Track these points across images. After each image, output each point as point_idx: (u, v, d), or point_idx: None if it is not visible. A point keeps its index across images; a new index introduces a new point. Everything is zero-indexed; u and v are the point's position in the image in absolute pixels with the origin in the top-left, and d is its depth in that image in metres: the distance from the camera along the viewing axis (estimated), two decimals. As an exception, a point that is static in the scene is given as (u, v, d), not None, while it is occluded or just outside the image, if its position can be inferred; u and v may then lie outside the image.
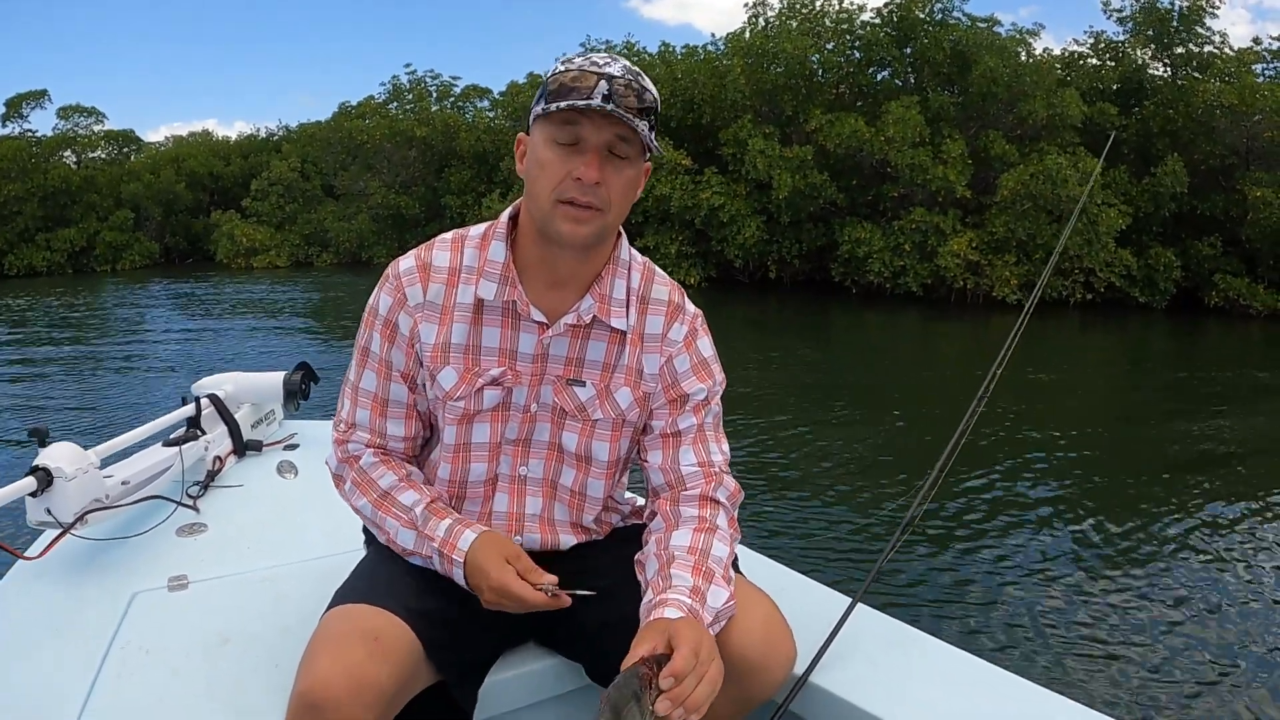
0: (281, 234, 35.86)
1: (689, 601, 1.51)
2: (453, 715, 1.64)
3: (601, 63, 1.54)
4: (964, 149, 22.03)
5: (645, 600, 1.56)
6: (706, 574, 1.59)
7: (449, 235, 1.74)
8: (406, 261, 1.71)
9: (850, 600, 1.85)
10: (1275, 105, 21.81)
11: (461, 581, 1.60)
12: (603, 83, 1.50)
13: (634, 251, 1.78)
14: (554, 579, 1.57)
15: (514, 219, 1.72)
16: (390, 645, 1.48)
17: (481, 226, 1.74)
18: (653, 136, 1.56)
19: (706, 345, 1.80)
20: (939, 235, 21.61)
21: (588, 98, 1.49)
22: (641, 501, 1.89)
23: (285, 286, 26.00)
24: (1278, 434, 9.23)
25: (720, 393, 1.81)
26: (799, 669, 1.65)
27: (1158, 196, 22.30)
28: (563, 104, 1.49)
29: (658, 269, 1.82)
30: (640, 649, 1.38)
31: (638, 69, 1.58)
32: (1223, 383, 12.60)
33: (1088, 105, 23.38)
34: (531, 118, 1.60)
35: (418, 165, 33.19)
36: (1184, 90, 24.06)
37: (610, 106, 1.49)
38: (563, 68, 1.55)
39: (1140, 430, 9.37)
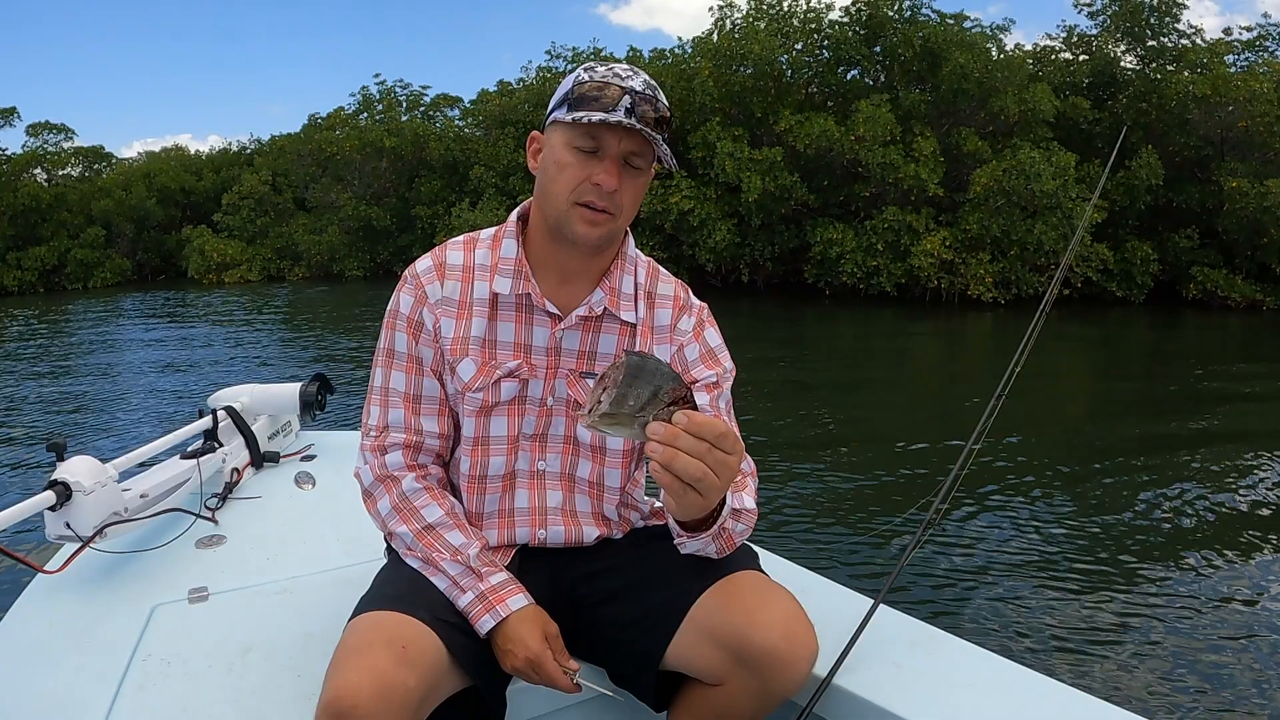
0: (253, 248, 35.47)
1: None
2: None
3: (624, 75, 1.60)
4: (936, 146, 22.12)
5: None
6: (736, 485, 1.64)
7: (460, 238, 1.82)
8: (424, 263, 1.78)
9: (872, 601, 1.85)
10: (1248, 95, 21.96)
11: (484, 630, 1.60)
12: (626, 97, 1.57)
13: (638, 250, 1.85)
14: (578, 666, 1.60)
15: (522, 219, 1.80)
16: (417, 652, 1.48)
17: (490, 229, 1.82)
18: (666, 148, 1.63)
19: (714, 335, 1.88)
20: (912, 234, 21.66)
21: (612, 111, 1.56)
22: (660, 504, 1.90)
23: (259, 300, 25.73)
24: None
25: (731, 381, 1.86)
26: (821, 670, 1.64)
27: (1133, 190, 22.39)
28: (593, 117, 1.55)
29: (661, 267, 1.90)
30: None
31: (654, 83, 1.65)
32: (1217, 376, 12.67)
33: (1060, 100, 23.55)
34: (550, 118, 1.66)
35: (388, 176, 33.03)
36: (1157, 83, 24.23)
37: (633, 121, 1.56)
38: (586, 76, 1.62)
39: (1138, 423, 9.34)
